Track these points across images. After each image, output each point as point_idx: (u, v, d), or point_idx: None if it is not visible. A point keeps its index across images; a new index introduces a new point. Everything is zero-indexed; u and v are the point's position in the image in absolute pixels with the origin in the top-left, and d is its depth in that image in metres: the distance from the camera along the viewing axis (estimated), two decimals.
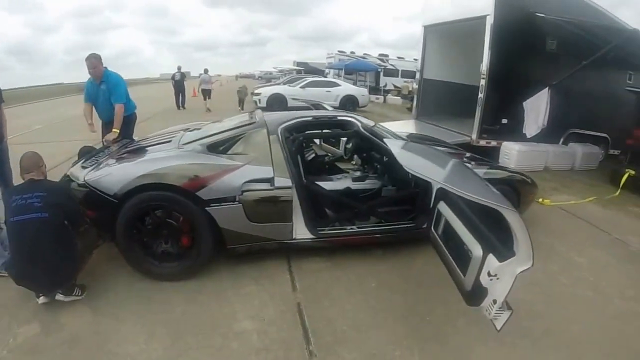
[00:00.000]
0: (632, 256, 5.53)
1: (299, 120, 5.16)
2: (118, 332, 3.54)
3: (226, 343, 3.43)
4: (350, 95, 22.67)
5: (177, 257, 4.35)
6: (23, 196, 3.75)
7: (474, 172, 4.29)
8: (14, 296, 3.95)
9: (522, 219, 2.85)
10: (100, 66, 6.46)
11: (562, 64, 10.29)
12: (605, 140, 11.99)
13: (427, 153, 5.01)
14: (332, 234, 4.76)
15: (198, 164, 4.34)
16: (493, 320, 2.88)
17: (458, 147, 7.36)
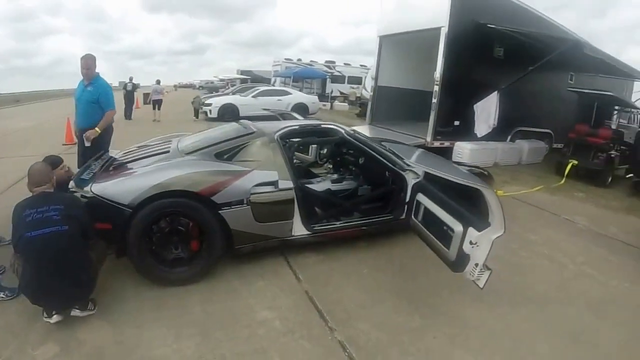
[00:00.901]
0: (579, 232, 6.49)
1: (289, 128, 5.59)
2: (143, 339, 3.61)
3: (253, 331, 3.71)
4: (301, 103, 22.85)
5: (187, 261, 4.49)
6: (38, 210, 3.63)
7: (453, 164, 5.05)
8: (16, 319, 3.81)
9: (496, 195, 3.65)
10: (93, 68, 6.46)
11: (510, 69, 11.01)
12: (549, 135, 13.07)
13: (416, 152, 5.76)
14: (324, 229, 5.17)
15: (213, 171, 4.60)
16: (476, 280, 3.62)
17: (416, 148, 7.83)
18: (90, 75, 6.41)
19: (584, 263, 5.35)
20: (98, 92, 6.41)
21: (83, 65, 6.34)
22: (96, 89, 6.41)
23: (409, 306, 4.15)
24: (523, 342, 3.64)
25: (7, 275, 4.21)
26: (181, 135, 6.45)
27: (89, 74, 6.40)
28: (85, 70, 6.36)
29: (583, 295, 4.54)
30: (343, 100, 33.79)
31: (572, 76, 13.42)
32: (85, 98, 6.40)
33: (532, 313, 4.10)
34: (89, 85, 6.41)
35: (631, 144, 10.41)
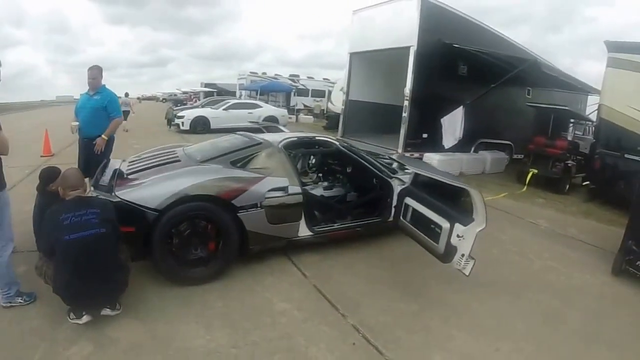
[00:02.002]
0: (542, 233, 7.31)
1: (290, 140, 6.03)
2: (176, 332, 3.81)
3: (276, 320, 4.07)
4: (271, 115, 22.99)
5: (206, 261, 4.74)
6: (76, 213, 3.72)
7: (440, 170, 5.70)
8: (40, 322, 3.90)
9: (481, 194, 4.31)
10: (100, 78, 6.59)
11: (473, 86, 11.78)
12: (509, 146, 13.86)
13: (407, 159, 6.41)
14: (324, 230, 5.65)
15: (233, 177, 4.95)
16: (462, 269, 4.26)
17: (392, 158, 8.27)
18: (96, 84, 6.58)
19: (548, 259, 6.06)
20: (106, 100, 6.59)
21: (89, 75, 6.51)
22: (104, 97, 6.58)
23: (404, 295, 4.70)
24: (504, 322, 4.25)
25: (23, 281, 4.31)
26: (181, 146, 6.68)
27: (95, 84, 6.57)
28: (91, 80, 6.53)
29: (550, 285, 5.23)
30: (307, 113, 34.16)
31: (530, 91, 14.20)
32: (92, 105, 6.54)
33: (509, 299, 4.74)
34: (96, 94, 6.58)
35: (586, 154, 11.11)
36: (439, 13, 11.49)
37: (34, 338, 3.65)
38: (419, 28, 10.92)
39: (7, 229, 4.06)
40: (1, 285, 4.07)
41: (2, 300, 4.10)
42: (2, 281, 4.06)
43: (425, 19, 10.94)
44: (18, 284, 4.19)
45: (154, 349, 3.58)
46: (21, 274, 4.41)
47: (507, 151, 13.86)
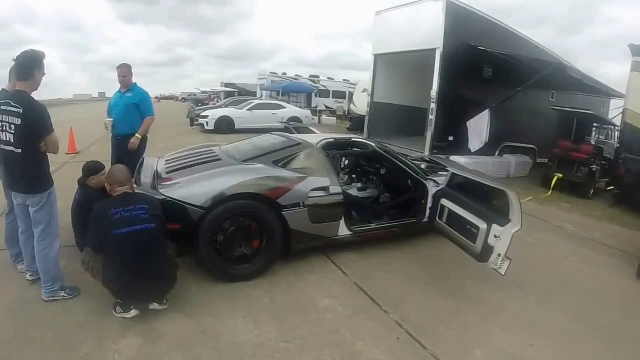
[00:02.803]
0: (569, 236, 7.45)
1: (327, 141, 6.18)
2: (225, 327, 3.90)
3: (322, 316, 4.21)
4: (295, 116, 23.16)
5: (250, 259, 4.88)
6: (126, 209, 3.82)
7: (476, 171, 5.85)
8: (85, 316, 3.99)
9: (518, 196, 4.48)
10: (130, 76, 6.69)
11: (498, 89, 11.83)
12: (533, 150, 13.78)
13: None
14: (362, 230, 5.77)
15: (278, 177, 5.05)
16: (498, 269, 4.46)
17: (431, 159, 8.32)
18: (127, 82, 6.69)
19: (576, 261, 6.23)
20: (139, 97, 6.70)
21: (119, 73, 6.66)
22: (136, 95, 6.70)
23: (442, 293, 4.87)
24: (537, 320, 4.42)
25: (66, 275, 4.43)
26: (217, 145, 6.78)
27: (126, 82, 6.68)
28: (122, 78, 6.65)
29: (578, 286, 5.41)
30: (329, 114, 34.10)
31: (554, 94, 14.19)
32: (125, 102, 6.64)
33: (541, 299, 4.90)
34: (128, 91, 6.70)
35: (610, 159, 11.23)
36: (465, 15, 11.51)
37: (81, 331, 3.76)
38: (445, 30, 10.95)
39: (55, 226, 4.25)
40: (46, 279, 4.20)
41: (45, 294, 4.22)
42: (48, 276, 4.19)
43: (450, 21, 10.98)
44: (63, 279, 4.33)
45: (204, 343, 3.68)
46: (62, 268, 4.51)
47: (530, 155, 13.95)
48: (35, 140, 3.91)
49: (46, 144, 3.96)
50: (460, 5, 11.40)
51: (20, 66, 3.91)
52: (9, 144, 3.91)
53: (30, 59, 3.92)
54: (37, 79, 3.99)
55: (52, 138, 3.98)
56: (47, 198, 4.10)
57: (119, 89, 6.81)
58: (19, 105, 3.80)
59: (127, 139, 6.64)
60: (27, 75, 3.91)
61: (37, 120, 3.87)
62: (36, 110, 3.87)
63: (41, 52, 4.03)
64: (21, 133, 3.84)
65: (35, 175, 4.04)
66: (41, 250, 4.15)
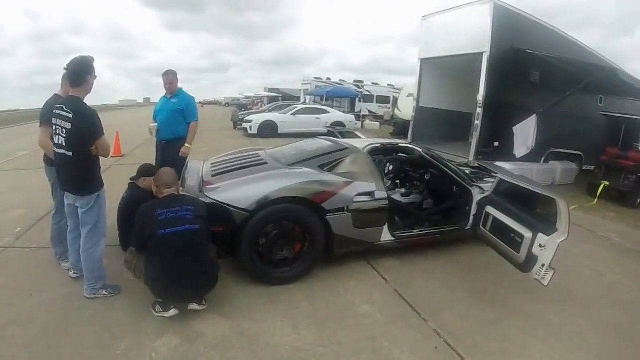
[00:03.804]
0: (614, 247, 7.24)
1: (374, 146, 6.18)
2: (262, 330, 3.97)
3: (360, 322, 4.22)
4: (339, 121, 23.11)
5: (291, 262, 4.95)
6: (171, 209, 3.95)
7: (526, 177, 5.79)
8: (124, 314, 4.15)
9: (568, 204, 4.41)
10: (175, 82, 6.81)
11: (545, 93, 11.58)
12: (579, 157, 13.40)
13: None
14: (405, 236, 5.75)
15: (323, 181, 5.08)
16: (541, 280, 4.37)
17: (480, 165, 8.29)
18: (173, 88, 6.80)
19: (619, 273, 6.05)
20: (184, 103, 6.78)
21: (165, 80, 6.74)
22: (181, 100, 6.77)
23: (482, 303, 4.80)
24: (577, 335, 4.33)
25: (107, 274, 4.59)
26: (263, 149, 6.94)
27: (172, 88, 6.79)
28: (168, 85, 6.76)
29: (621, 300, 5.22)
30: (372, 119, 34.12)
31: (602, 99, 13.74)
32: (170, 108, 6.73)
33: (581, 311, 4.78)
34: (173, 97, 6.78)
35: None
36: (512, 18, 11.33)
37: (120, 329, 3.89)
38: (492, 33, 10.78)
39: (102, 225, 4.43)
40: (89, 277, 4.38)
41: (87, 291, 4.41)
42: (92, 274, 4.37)
43: (498, 24, 10.81)
44: (105, 277, 4.50)
45: (241, 345, 3.75)
46: None
47: (577, 162, 13.52)
48: (85, 144, 4.07)
49: (97, 148, 4.12)
50: (508, 7, 11.23)
51: (72, 73, 4.09)
52: (61, 147, 4.09)
53: (82, 65, 4.09)
54: (90, 83, 4.16)
55: (102, 142, 4.13)
56: (96, 200, 4.25)
57: (165, 94, 6.91)
58: (70, 110, 3.97)
59: (172, 143, 6.78)
60: (80, 81, 4.08)
61: (87, 125, 4.03)
62: (86, 116, 4.02)
63: (90, 56, 4.18)
64: (72, 137, 4.01)
65: (85, 177, 4.20)
66: (87, 249, 4.32)
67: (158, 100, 7.20)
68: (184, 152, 6.73)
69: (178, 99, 6.80)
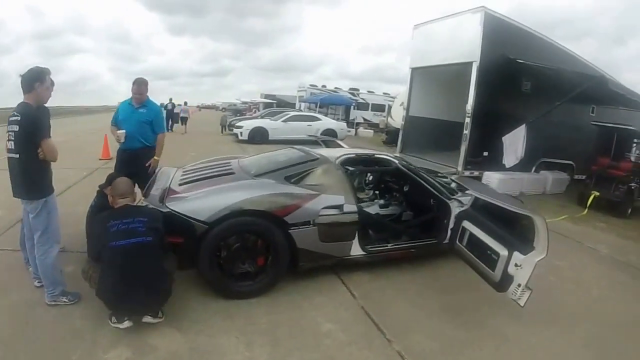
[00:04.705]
0: (602, 259, 7.01)
1: (347, 156, 5.99)
2: (215, 346, 3.83)
3: (320, 341, 4.02)
4: (330, 129, 22.99)
5: (253, 276, 4.77)
6: (124, 221, 3.90)
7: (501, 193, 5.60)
8: (82, 324, 4.03)
9: (545, 222, 4.13)
10: (146, 92, 6.51)
11: (536, 103, 11.45)
12: (570, 166, 13.34)
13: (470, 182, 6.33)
14: (377, 250, 5.55)
15: (287, 194, 4.92)
16: (517, 300, 4.12)
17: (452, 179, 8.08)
18: (143, 99, 6.50)
19: (606, 287, 5.84)
20: (153, 114, 6.57)
21: (136, 90, 6.40)
22: (150, 110, 6.54)
23: (455, 321, 4.57)
24: (557, 356, 4.10)
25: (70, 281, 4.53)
26: (237, 158, 6.73)
27: (142, 98, 6.49)
28: (138, 95, 6.43)
29: (607, 316, 4.98)
30: (367, 127, 34.28)
31: (594, 109, 13.68)
32: (138, 118, 6.42)
33: (563, 331, 4.54)
34: (141, 107, 6.47)
35: None
36: (503, 27, 11.27)
37: (76, 338, 3.81)
38: (482, 43, 10.69)
39: (54, 232, 4.35)
40: (47, 284, 4.32)
41: (47, 298, 4.33)
42: (48, 280, 4.30)
43: (488, 33, 10.71)
44: (64, 284, 4.42)
45: None
46: (69, 274, 4.65)
47: (568, 171, 13.53)
48: (30, 145, 4.05)
49: (43, 151, 4.07)
50: (499, 17, 11.13)
51: (23, 80, 4.11)
52: (11, 150, 4.11)
53: (33, 74, 4.11)
54: (39, 91, 4.13)
55: (47, 144, 4.08)
56: (44, 205, 4.20)
57: (131, 102, 6.54)
58: (18, 114, 4.03)
59: (139, 152, 6.53)
60: (29, 88, 4.09)
61: (31, 126, 4.02)
62: (30, 117, 4.03)
63: (46, 68, 4.22)
64: (18, 139, 4.04)
65: (32, 181, 4.16)
66: (39, 255, 4.27)
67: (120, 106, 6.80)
68: (153, 164, 6.53)
69: (147, 109, 6.56)
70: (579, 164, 13.48)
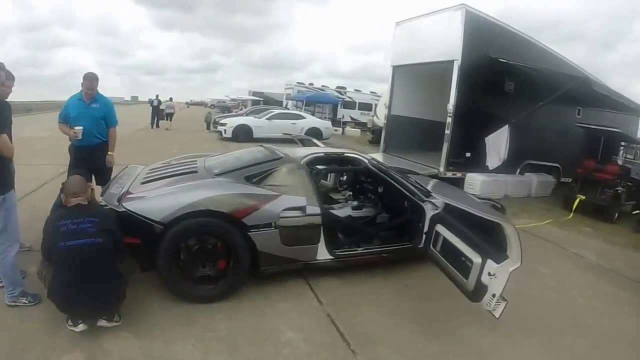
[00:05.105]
0: (587, 266, 6.71)
1: (315, 155, 5.77)
2: (171, 353, 3.67)
3: (279, 350, 3.81)
4: (315, 127, 22.82)
5: (214, 280, 4.58)
6: (74, 221, 3.75)
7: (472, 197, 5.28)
8: (39, 326, 3.91)
9: (516, 229, 3.87)
10: (96, 87, 6.31)
11: (520, 103, 11.23)
12: (556, 169, 13.20)
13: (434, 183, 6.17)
14: (347, 255, 5.29)
15: (245, 194, 4.72)
16: (492, 311, 3.82)
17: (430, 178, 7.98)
18: (94, 94, 6.30)
19: (592, 297, 5.54)
20: (106, 109, 6.43)
21: (88, 86, 6.19)
22: (103, 105, 6.40)
23: (427, 332, 4.30)
24: None
25: (29, 281, 4.39)
26: (206, 155, 6.56)
27: (93, 93, 6.29)
28: (90, 91, 6.23)
29: (591, 329, 4.71)
30: (354, 126, 34.27)
31: (580, 111, 13.59)
32: (92, 114, 6.28)
33: (543, 344, 4.25)
34: (93, 102, 6.30)
35: (638, 181, 10.62)
36: (485, 26, 11.09)
37: (32, 340, 3.68)
38: (464, 41, 10.51)
39: (13, 230, 4.23)
40: (6, 284, 4.20)
41: (7, 299, 4.19)
42: (7, 280, 4.19)
43: (470, 31, 10.53)
44: (23, 284, 4.31)
45: None
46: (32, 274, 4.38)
47: (554, 174, 13.35)
48: None
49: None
50: (481, 15, 10.94)
51: None
52: None
53: None
54: None
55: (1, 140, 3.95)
56: (1, 203, 4.09)
57: (82, 98, 6.30)
58: None
59: (97, 147, 6.41)
60: None
61: None
62: None
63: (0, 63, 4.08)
64: None
65: None
66: None
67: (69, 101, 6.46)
68: (110, 160, 6.48)
69: (99, 104, 6.38)
70: (565, 167, 13.33)
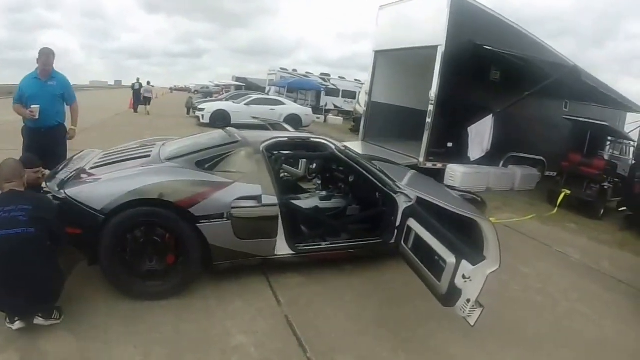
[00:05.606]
0: (572, 266, 6.34)
1: (277, 140, 5.44)
2: (110, 356, 3.44)
3: (226, 356, 3.54)
4: (294, 114, 22.71)
5: (163, 275, 4.29)
6: (5, 209, 3.50)
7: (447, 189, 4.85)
8: None
9: (494, 227, 3.48)
10: (53, 63, 6.09)
11: (505, 93, 10.95)
12: (541, 162, 12.95)
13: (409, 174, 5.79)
14: (309, 250, 4.94)
15: (192, 181, 4.39)
16: (467, 317, 3.41)
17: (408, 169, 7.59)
18: (50, 70, 6.08)
19: (577, 300, 5.18)
20: (64, 86, 6.23)
21: (45, 62, 5.96)
22: (60, 83, 6.19)
23: (394, 339, 3.93)
24: None
25: None
26: (167, 140, 6.18)
27: (49, 70, 6.07)
28: (46, 67, 6.01)
29: (576, 335, 4.36)
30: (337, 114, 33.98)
31: (567, 104, 13.40)
32: (50, 92, 6.06)
33: (524, 353, 3.94)
34: (50, 80, 6.07)
35: (624, 177, 10.35)
36: (471, 11, 10.62)
37: None
38: (448, 26, 10.08)
39: None
40: None
41: None
42: None
43: (455, 16, 10.09)
44: None
45: None
46: None
47: (539, 167, 13.02)
48: None
49: None
50: (467, 0, 10.57)
51: None
52: None
53: None
54: None
55: None
56: None
57: (37, 76, 6.03)
58: None
59: (54, 130, 6.18)
60: None
61: None
62: None
63: None
64: None
65: None
66: None
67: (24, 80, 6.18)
68: (71, 134, 6.36)
69: (56, 81, 6.13)
70: (550, 161, 13.08)
